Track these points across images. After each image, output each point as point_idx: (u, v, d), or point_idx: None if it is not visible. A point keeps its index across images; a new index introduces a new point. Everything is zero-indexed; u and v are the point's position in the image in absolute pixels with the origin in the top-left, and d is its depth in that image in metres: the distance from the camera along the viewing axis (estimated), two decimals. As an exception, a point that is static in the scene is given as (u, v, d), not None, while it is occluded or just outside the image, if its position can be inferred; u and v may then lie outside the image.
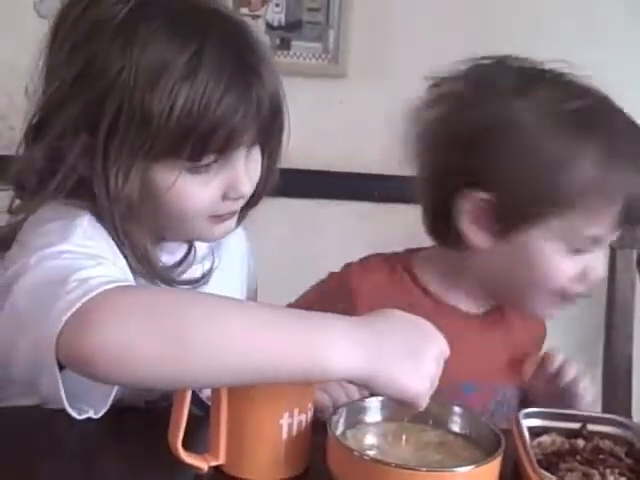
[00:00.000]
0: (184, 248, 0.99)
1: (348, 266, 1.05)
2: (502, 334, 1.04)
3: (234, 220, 0.96)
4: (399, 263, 1.05)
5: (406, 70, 1.79)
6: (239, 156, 0.90)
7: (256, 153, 0.94)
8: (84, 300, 0.69)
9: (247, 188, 0.92)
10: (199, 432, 0.78)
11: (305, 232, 1.02)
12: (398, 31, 1.79)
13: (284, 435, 0.77)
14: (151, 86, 0.82)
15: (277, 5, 1.82)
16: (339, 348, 0.70)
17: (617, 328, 1.40)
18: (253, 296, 1.12)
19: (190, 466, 0.76)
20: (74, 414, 0.77)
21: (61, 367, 0.73)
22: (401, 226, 1.57)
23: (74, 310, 0.69)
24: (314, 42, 1.83)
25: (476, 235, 0.96)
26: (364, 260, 1.06)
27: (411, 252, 1.07)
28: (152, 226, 0.92)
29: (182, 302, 0.72)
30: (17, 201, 0.94)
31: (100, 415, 0.80)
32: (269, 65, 0.90)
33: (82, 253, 0.79)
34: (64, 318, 0.69)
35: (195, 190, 0.88)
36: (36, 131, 0.90)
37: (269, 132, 0.92)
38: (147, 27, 0.84)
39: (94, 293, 0.70)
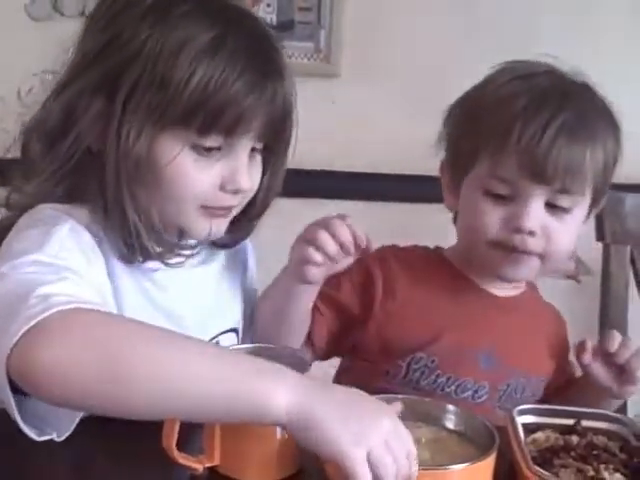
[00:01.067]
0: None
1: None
2: (523, 319, 1.09)
3: (225, 221, 0.96)
4: (432, 250, 1.14)
5: (398, 69, 1.80)
6: (243, 148, 0.91)
7: (259, 160, 0.95)
8: (39, 318, 0.69)
9: (246, 183, 0.92)
10: (193, 433, 0.78)
11: (298, 232, 1.02)
12: (390, 30, 1.80)
13: (278, 435, 0.77)
14: (174, 55, 0.85)
15: (268, 5, 1.82)
16: (281, 395, 0.68)
17: (611, 324, 1.40)
18: (253, 297, 1.11)
19: (185, 467, 0.76)
20: (32, 435, 0.75)
21: None
22: (394, 224, 1.57)
23: (28, 327, 0.69)
24: (306, 42, 1.83)
25: (446, 198, 1.09)
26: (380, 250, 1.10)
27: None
28: (147, 208, 0.91)
29: (131, 334, 0.71)
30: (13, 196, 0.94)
31: (63, 438, 0.79)
32: (288, 68, 0.93)
33: (52, 265, 0.79)
34: (19, 334, 0.69)
35: (194, 171, 0.89)
36: (56, 94, 0.91)
37: (277, 132, 0.93)
38: (177, 9, 0.88)
39: (50, 312, 0.70)
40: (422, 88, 1.73)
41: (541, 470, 0.73)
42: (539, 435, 0.82)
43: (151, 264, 0.94)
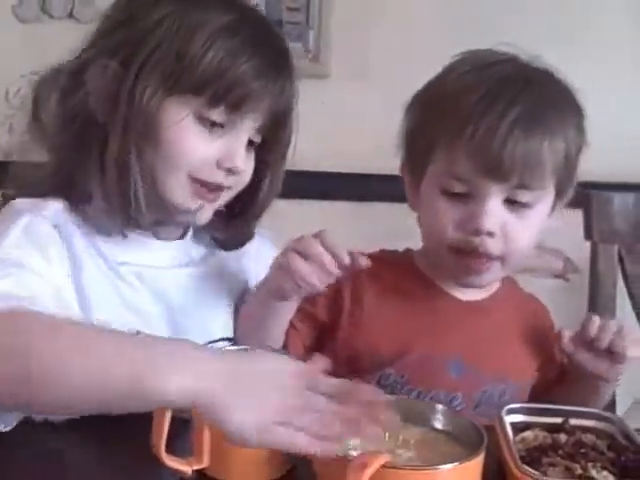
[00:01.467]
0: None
1: None
2: (495, 321, 1.04)
3: (211, 206, 0.97)
4: (401, 255, 1.09)
5: (388, 70, 1.80)
6: (245, 130, 0.94)
7: (253, 154, 0.97)
8: None
9: (242, 163, 0.94)
10: (182, 436, 0.78)
11: (288, 232, 1.02)
12: (379, 31, 1.80)
13: (267, 436, 0.76)
14: (192, 32, 0.90)
15: (256, 5, 1.82)
16: (174, 381, 0.68)
17: (600, 322, 1.40)
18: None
19: (174, 470, 0.76)
20: None
21: None
22: (383, 225, 1.58)
23: None
24: (295, 42, 1.83)
25: (409, 198, 1.05)
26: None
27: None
28: (149, 170, 0.92)
29: (50, 330, 0.72)
30: None
31: (9, 429, 0.81)
32: (294, 72, 0.97)
33: (2, 261, 0.82)
34: None
35: (194, 139, 0.92)
36: (75, 57, 0.95)
37: (277, 127, 0.96)
38: None
39: None
40: (411, 88, 1.73)
41: (529, 469, 0.73)
42: (528, 434, 0.82)
43: (127, 258, 0.96)
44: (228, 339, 1.03)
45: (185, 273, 1.02)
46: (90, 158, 0.92)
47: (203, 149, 0.93)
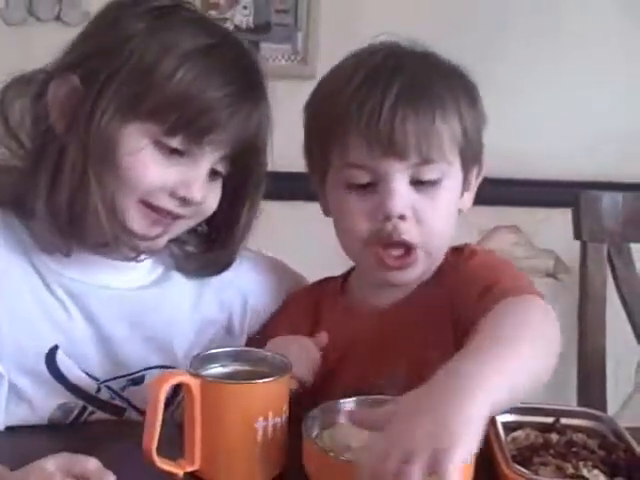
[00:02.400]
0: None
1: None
2: (416, 323, 0.96)
3: (165, 233, 0.93)
4: (334, 281, 1.05)
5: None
6: (205, 161, 0.90)
7: (218, 184, 0.94)
8: None
9: (198, 194, 0.90)
10: (173, 438, 0.78)
11: (274, 235, 1.02)
12: (366, 32, 1.80)
13: (259, 438, 0.77)
14: (163, 51, 0.87)
15: (245, 7, 1.82)
16: None
17: (590, 322, 1.41)
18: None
19: (165, 472, 0.76)
20: None
21: None
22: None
23: None
24: (283, 44, 1.83)
25: (321, 204, 1.01)
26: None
27: None
28: (105, 193, 0.89)
29: None
30: None
31: None
32: (266, 96, 0.94)
33: None
34: None
35: (150, 164, 0.88)
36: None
37: (244, 157, 0.93)
38: (176, 15, 0.91)
39: None
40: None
41: (521, 468, 0.73)
42: (519, 433, 0.82)
43: (70, 275, 0.93)
44: (164, 366, 0.97)
45: (132, 295, 0.97)
46: (41, 172, 0.89)
47: (158, 175, 0.88)
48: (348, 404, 0.82)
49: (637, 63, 1.82)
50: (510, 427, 0.83)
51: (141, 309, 0.97)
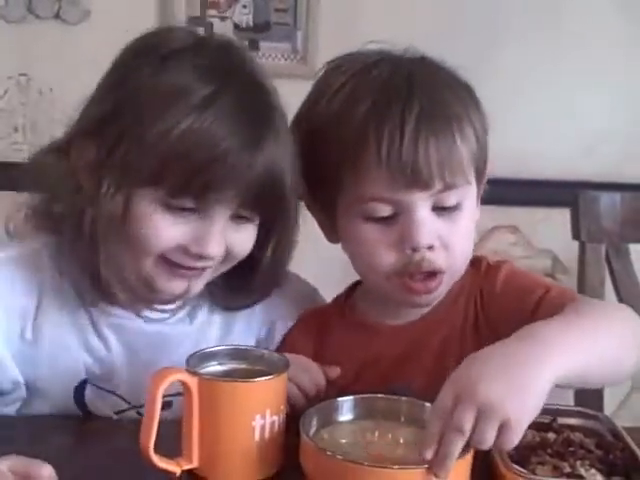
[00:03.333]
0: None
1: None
2: (435, 339, 0.96)
3: (196, 283, 0.93)
4: (337, 302, 1.03)
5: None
6: (219, 214, 0.88)
7: (249, 227, 0.92)
8: None
9: (213, 249, 0.88)
10: (171, 436, 0.78)
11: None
12: (366, 31, 1.80)
13: (257, 437, 0.77)
14: (163, 108, 0.85)
15: (244, 7, 1.82)
16: None
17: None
18: None
19: (163, 471, 0.76)
20: None
21: None
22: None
23: None
24: (282, 43, 1.84)
25: (324, 232, 0.97)
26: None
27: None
28: (118, 261, 0.90)
29: None
30: None
31: None
32: (277, 136, 0.88)
33: None
34: None
35: (162, 225, 0.87)
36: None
37: (263, 204, 0.90)
38: (179, 59, 0.88)
39: None
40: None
41: (518, 468, 0.73)
42: (516, 433, 0.82)
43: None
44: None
45: (166, 327, 0.99)
46: (69, 224, 0.90)
47: (170, 236, 0.87)
48: (346, 403, 0.82)
49: (636, 63, 1.82)
50: (507, 426, 0.83)
51: (172, 340, 0.98)
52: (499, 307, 0.93)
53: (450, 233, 0.89)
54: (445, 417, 0.70)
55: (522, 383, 0.71)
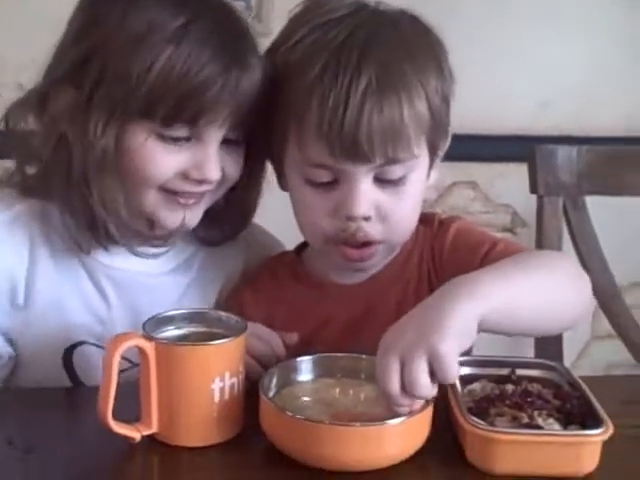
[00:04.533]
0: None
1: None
2: (390, 295, 0.96)
3: (195, 212, 0.94)
4: (288, 256, 1.03)
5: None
6: (212, 138, 0.89)
7: (238, 151, 0.93)
8: None
9: (214, 173, 0.90)
10: (129, 400, 0.77)
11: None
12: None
13: (216, 399, 0.76)
14: (136, 44, 0.85)
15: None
16: None
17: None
18: None
19: (122, 436, 0.75)
20: None
21: None
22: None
23: None
24: (237, 0, 1.79)
25: (277, 178, 0.97)
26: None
27: None
28: (114, 198, 0.90)
29: None
30: None
31: None
32: (256, 58, 0.90)
33: None
34: None
35: (159, 157, 0.88)
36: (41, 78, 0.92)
37: (250, 124, 0.91)
38: None
39: None
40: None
41: (477, 420, 0.74)
42: (475, 386, 0.83)
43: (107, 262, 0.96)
44: None
45: (166, 281, 1.00)
46: (56, 172, 0.90)
47: (167, 165, 0.89)
48: (305, 362, 0.82)
49: (595, 17, 1.81)
50: (466, 380, 0.83)
51: (170, 291, 1.00)
52: (449, 264, 0.93)
53: (391, 205, 0.88)
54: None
55: (439, 316, 0.72)
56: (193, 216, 0.94)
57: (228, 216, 1.00)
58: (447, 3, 1.49)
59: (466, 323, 0.73)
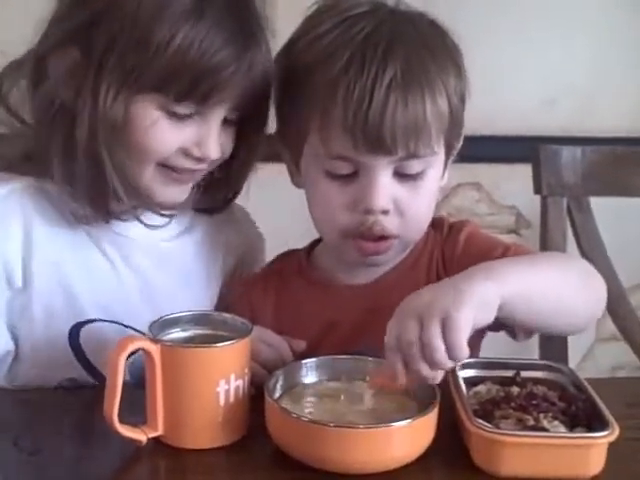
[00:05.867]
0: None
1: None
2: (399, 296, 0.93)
3: (184, 188, 0.95)
4: (296, 257, 1.03)
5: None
6: (215, 117, 0.90)
7: (231, 131, 0.94)
8: None
9: (213, 152, 0.91)
10: (136, 403, 0.77)
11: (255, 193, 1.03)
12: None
13: (221, 402, 0.76)
14: (156, 15, 0.84)
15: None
16: None
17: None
18: None
19: (128, 439, 0.75)
20: None
21: None
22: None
23: None
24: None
25: (290, 174, 0.98)
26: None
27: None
28: (121, 166, 0.90)
29: None
30: None
31: None
32: (265, 36, 0.90)
33: None
34: None
35: (161, 132, 0.88)
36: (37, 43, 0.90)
37: (252, 103, 0.92)
38: None
39: None
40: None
41: (482, 422, 0.74)
42: (481, 388, 0.83)
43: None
44: None
45: (166, 247, 1.01)
46: (53, 144, 0.88)
47: (173, 141, 0.89)
48: (311, 364, 0.82)
49: (600, 17, 1.81)
50: (472, 382, 0.84)
51: (175, 258, 1.01)
52: (461, 269, 0.93)
53: (409, 200, 0.89)
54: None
55: (459, 288, 0.73)
56: (183, 191, 0.95)
57: (222, 185, 1.00)
58: (452, 4, 1.48)
59: (485, 298, 0.74)
